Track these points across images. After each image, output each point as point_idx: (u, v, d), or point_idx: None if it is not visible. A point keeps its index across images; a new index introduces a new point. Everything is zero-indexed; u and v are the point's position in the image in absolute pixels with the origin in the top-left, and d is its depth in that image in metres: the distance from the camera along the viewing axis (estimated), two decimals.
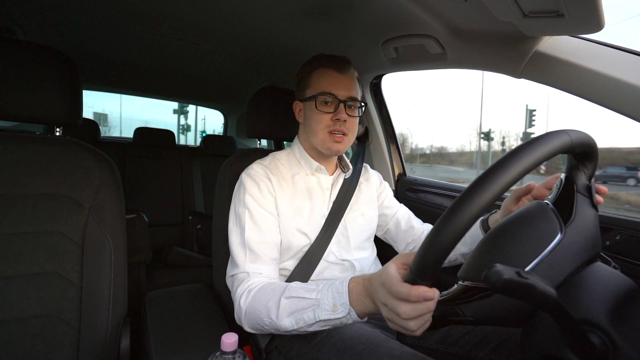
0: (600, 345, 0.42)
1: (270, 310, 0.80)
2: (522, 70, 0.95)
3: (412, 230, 1.22)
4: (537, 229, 0.54)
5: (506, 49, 0.96)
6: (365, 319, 0.76)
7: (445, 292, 0.56)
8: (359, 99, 1.07)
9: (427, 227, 1.23)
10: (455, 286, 0.55)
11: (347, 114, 1.02)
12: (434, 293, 0.53)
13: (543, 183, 0.83)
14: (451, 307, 0.53)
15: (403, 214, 1.26)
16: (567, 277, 0.49)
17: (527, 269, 0.49)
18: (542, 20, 0.77)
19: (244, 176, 1.03)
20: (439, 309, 0.52)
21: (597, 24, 0.72)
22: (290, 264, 1.02)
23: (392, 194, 1.30)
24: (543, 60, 0.90)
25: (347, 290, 0.72)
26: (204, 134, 3.10)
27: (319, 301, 0.76)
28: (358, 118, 1.07)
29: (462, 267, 0.57)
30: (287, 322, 0.79)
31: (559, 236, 0.52)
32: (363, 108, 1.09)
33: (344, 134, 1.02)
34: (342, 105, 1.01)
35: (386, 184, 1.31)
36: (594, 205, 0.58)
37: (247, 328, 0.87)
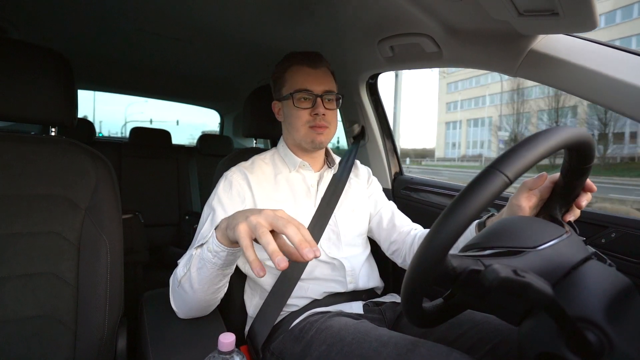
0: (596, 342, 0.42)
1: (179, 266, 0.84)
2: (518, 68, 0.95)
3: (394, 228, 1.17)
4: (548, 225, 0.58)
5: (501, 48, 0.96)
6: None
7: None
8: (335, 90, 1.09)
9: (416, 227, 1.17)
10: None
11: (326, 107, 1.04)
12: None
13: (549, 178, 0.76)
14: (472, 259, 0.50)
15: (386, 211, 1.21)
16: (563, 275, 0.49)
17: (542, 247, 0.52)
18: (537, 18, 0.77)
19: (221, 177, 1.06)
20: (460, 260, 0.49)
21: (591, 23, 0.72)
22: None
23: (380, 190, 1.28)
24: (538, 58, 0.90)
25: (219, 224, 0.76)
26: None
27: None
28: (337, 110, 1.10)
29: (464, 245, 0.58)
30: (181, 269, 0.83)
31: (566, 234, 0.55)
32: (341, 100, 1.10)
33: (325, 127, 1.05)
34: (319, 99, 1.03)
35: (374, 179, 1.30)
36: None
37: (174, 307, 0.89)
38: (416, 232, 1.14)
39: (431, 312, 0.57)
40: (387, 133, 1.71)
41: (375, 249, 1.22)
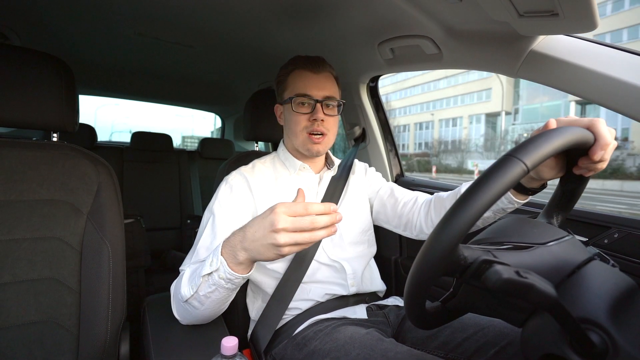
0: (600, 343, 0.42)
1: (183, 284, 0.82)
2: (518, 69, 0.95)
3: (396, 202, 1.15)
4: (552, 226, 0.59)
5: (502, 49, 0.96)
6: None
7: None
8: (337, 97, 1.07)
9: (421, 195, 1.14)
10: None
11: (325, 114, 1.02)
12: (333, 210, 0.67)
13: None
14: (483, 250, 0.49)
15: (385, 189, 1.20)
16: (567, 275, 0.49)
17: (550, 244, 0.53)
18: (537, 19, 0.77)
19: (222, 182, 1.05)
20: (471, 250, 0.47)
21: (591, 23, 0.72)
22: (281, 267, 1.02)
23: (378, 177, 1.28)
24: (539, 59, 0.90)
25: (222, 245, 0.76)
26: None
27: (205, 260, 0.79)
28: (338, 116, 1.08)
29: (472, 240, 0.58)
30: (186, 289, 0.81)
31: (569, 236, 0.56)
32: (342, 106, 1.09)
33: (322, 134, 1.03)
34: (318, 105, 1.02)
35: (372, 169, 1.30)
36: None
37: (177, 316, 0.88)
38: (426, 198, 1.12)
39: (433, 313, 0.56)
40: (388, 135, 1.71)
41: (377, 252, 1.22)
